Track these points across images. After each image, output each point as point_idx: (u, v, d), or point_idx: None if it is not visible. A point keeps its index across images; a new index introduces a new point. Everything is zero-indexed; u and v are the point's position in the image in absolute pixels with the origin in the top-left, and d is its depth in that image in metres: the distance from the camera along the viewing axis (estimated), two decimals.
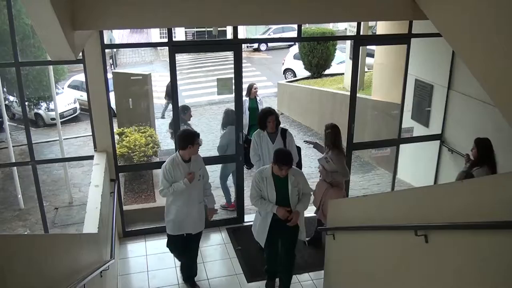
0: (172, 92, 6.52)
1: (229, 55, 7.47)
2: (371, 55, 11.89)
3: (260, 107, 8.72)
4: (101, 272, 4.24)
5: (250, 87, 9.11)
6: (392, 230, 4.33)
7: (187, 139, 5.21)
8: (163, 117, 14.13)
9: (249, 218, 7.01)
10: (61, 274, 3.11)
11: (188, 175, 5.27)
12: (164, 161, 5.40)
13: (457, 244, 3.18)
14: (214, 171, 9.19)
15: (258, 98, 9.27)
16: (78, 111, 15.83)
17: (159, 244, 6.51)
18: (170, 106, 8.08)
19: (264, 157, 6.17)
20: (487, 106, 6.33)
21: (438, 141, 7.74)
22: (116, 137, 8.64)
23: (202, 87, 17.55)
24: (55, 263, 3.04)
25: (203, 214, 5.62)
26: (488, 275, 2.87)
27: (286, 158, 4.96)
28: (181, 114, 7.10)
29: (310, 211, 6.27)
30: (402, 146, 7.69)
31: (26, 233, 8.72)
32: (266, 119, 6.08)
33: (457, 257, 3.20)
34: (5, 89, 13.06)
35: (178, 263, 6.11)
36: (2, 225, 9.30)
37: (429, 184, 7.52)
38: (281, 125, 6.43)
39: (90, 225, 4.81)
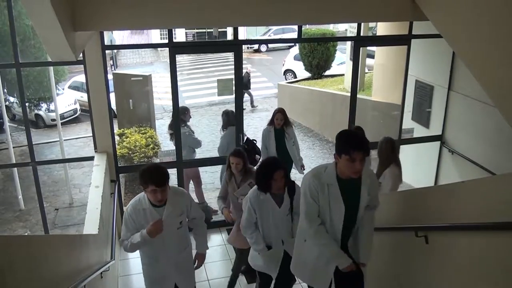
0: (172, 93, 6.51)
1: (230, 56, 7.49)
2: (372, 56, 11.90)
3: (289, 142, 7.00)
4: (101, 273, 4.24)
5: (274, 114, 6.98)
6: (392, 231, 4.34)
7: (142, 176, 3.61)
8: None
9: None
10: (61, 275, 3.11)
11: (151, 225, 3.68)
12: (165, 163, 5.32)
13: (457, 245, 3.18)
14: (214, 172, 9.19)
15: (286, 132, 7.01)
16: (79, 112, 15.84)
17: None
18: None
19: (268, 230, 4.32)
20: (487, 107, 6.33)
21: (439, 142, 7.74)
22: (117, 138, 8.65)
23: (203, 88, 17.56)
24: (55, 264, 3.04)
25: (191, 263, 4.27)
26: (488, 275, 2.87)
27: (361, 140, 3.33)
28: (180, 115, 7.09)
29: None
30: (402, 147, 7.68)
31: (26, 234, 8.72)
32: (271, 175, 4.05)
33: (457, 258, 3.20)
34: (5, 90, 13.08)
35: None
36: (3, 226, 9.31)
37: (430, 185, 7.52)
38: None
39: (91, 226, 4.81)
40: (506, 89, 3.42)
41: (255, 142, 7.06)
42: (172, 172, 8.89)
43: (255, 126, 13.59)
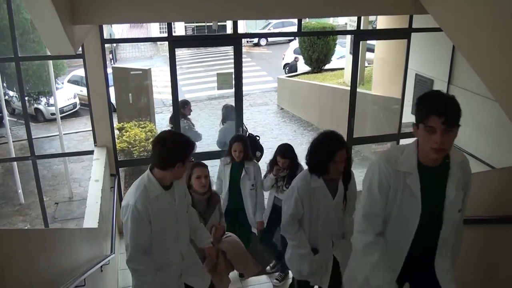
0: (172, 87, 6.50)
1: (229, 50, 7.47)
2: (372, 50, 11.87)
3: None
4: (101, 266, 4.25)
5: (231, 143, 5.09)
6: None
7: (182, 150, 2.99)
8: None
9: None
10: (61, 268, 3.11)
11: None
12: None
13: None
14: (214, 166, 9.18)
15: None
16: (78, 106, 15.83)
17: None
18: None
19: (316, 229, 3.56)
20: (487, 101, 6.32)
21: None
22: (116, 132, 8.64)
23: (202, 82, 17.54)
24: (55, 257, 3.04)
25: (197, 259, 3.56)
26: (486, 267, 2.88)
27: (446, 100, 2.33)
28: (180, 108, 7.09)
29: None
30: (402, 141, 7.67)
31: (26, 228, 8.73)
32: (331, 155, 3.31)
33: None
34: (5, 84, 13.07)
35: None
36: (3, 220, 9.32)
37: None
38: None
39: (91, 220, 4.82)
40: (506, 83, 3.42)
41: (258, 138, 7.05)
42: None
43: (254, 120, 13.58)
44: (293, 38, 20.91)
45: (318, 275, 3.62)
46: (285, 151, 4.78)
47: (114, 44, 22.29)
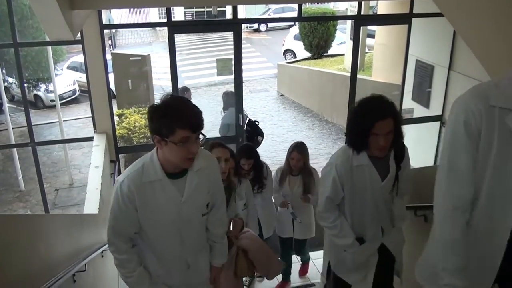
0: (171, 73, 6.48)
1: (229, 35, 7.42)
2: (372, 35, 11.81)
3: None
4: (102, 252, 4.27)
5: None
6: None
7: (165, 115, 2.21)
8: None
9: None
10: (62, 254, 3.13)
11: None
12: None
13: None
14: None
15: None
16: (78, 93, 15.78)
17: None
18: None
19: (361, 215, 2.97)
20: None
21: (439, 122, 7.73)
22: (116, 118, 8.62)
23: (202, 68, 17.46)
24: (56, 243, 3.06)
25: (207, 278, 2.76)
26: None
27: None
28: (180, 95, 7.07)
29: None
30: (402, 127, 7.67)
31: (27, 214, 8.77)
32: (371, 124, 2.69)
33: None
34: (4, 71, 13.01)
35: None
36: (3, 206, 9.35)
37: (429, 165, 7.54)
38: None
39: (91, 206, 4.84)
40: (507, 69, 3.40)
41: (257, 123, 7.04)
42: None
43: (254, 107, 13.55)
44: (293, 23, 20.77)
45: (363, 270, 3.03)
46: (250, 151, 4.29)
47: (113, 30, 22.16)
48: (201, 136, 2.34)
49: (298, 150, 4.36)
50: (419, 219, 3.59)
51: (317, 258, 5.86)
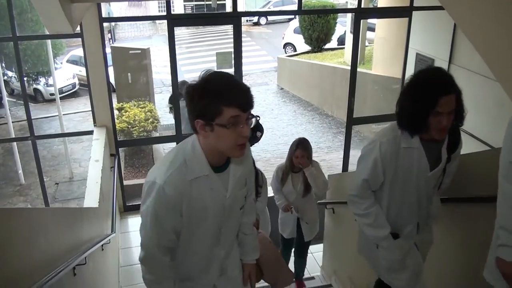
0: (171, 66, 6.47)
1: (229, 29, 7.40)
2: (372, 29, 11.78)
3: None
4: (102, 245, 4.28)
5: None
6: None
7: (211, 91, 1.87)
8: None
9: None
10: (62, 247, 3.14)
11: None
12: (164, 137, 5.02)
13: (453, 216, 3.21)
14: None
15: None
16: (77, 86, 15.75)
17: None
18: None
19: (399, 207, 2.62)
20: (488, 81, 6.29)
21: None
22: (116, 112, 8.62)
23: (202, 61, 17.43)
24: (56, 236, 3.06)
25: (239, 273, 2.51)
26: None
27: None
28: (179, 89, 7.05)
29: None
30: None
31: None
32: (435, 100, 2.31)
33: (453, 229, 3.23)
34: (3, 64, 12.99)
35: None
36: (3, 200, 9.36)
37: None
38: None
39: (91, 200, 4.84)
40: (508, 63, 3.39)
41: (258, 118, 7.02)
42: (172, 146, 8.92)
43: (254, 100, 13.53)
44: (293, 17, 20.71)
45: (405, 271, 2.68)
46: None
47: (113, 23, 22.12)
48: (252, 120, 2.00)
49: (302, 147, 4.25)
50: None
51: (316, 252, 5.89)
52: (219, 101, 1.84)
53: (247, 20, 24.49)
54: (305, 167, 4.23)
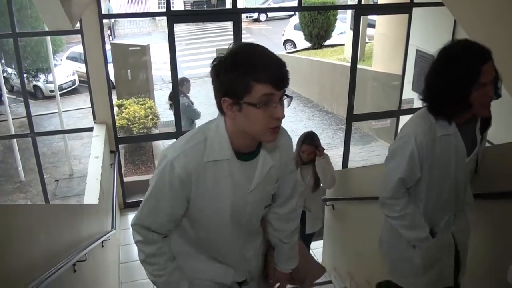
0: (171, 63, 6.46)
1: (228, 25, 7.39)
2: (372, 25, 11.76)
3: None
4: (102, 242, 4.29)
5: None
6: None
7: (242, 64, 1.62)
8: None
9: None
10: (62, 243, 3.14)
11: None
12: (164, 134, 5.08)
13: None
14: None
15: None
16: (77, 83, 15.74)
17: None
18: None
19: (437, 200, 2.37)
20: None
21: None
22: (116, 109, 8.62)
23: (201, 58, 17.41)
24: (56, 233, 3.07)
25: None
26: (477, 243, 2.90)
27: None
28: (180, 86, 7.05)
29: None
30: (402, 118, 7.66)
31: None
32: (477, 73, 2.08)
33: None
34: (3, 61, 12.98)
35: None
36: (3, 197, 9.37)
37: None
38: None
39: (91, 196, 4.84)
40: (508, 59, 3.39)
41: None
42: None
43: None
44: (293, 13, 20.67)
45: (432, 270, 2.44)
46: None
47: (112, 20, 22.08)
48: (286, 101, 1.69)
49: (308, 142, 4.21)
50: None
51: (316, 248, 5.90)
52: (249, 76, 1.59)
53: (247, 17, 24.45)
54: (318, 156, 4.22)
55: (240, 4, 7.95)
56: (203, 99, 13.25)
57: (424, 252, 2.39)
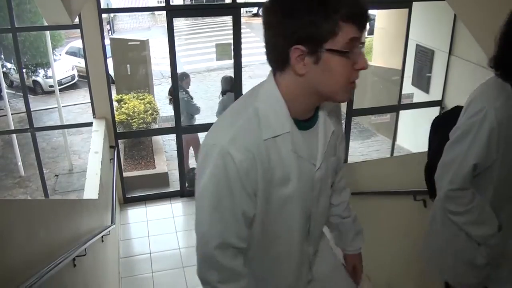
0: (170, 58, 6.44)
1: (228, 20, 7.37)
2: (372, 20, 11.73)
3: None
4: (102, 237, 4.29)
5: None
6: (391, 195, 4.37)
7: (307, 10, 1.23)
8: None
9: None
10: (62, 238, 3.14)
11: None
12: (164, 129, 5.05)
13: None
14: None
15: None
16: (76, 78, 15.71)
17: (160, 210, 6.58)
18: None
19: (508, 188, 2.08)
20: (488, 72, 6.28)
21: (438, 107, 7.72)
22: (115, 104, 8.61)
23: (201, 53, 17.38)
24: (56, 227, 3.07)
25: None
26: None
27: None
28: (179, 81, 7.04)
29: None
30: (402, 112, 7.66)
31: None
32: None
33: None
34: (2, 56, 12.95)
35: (178, 227, 6.19)
36: (3, 192, 9.37)
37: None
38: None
39: (91, 191, 4.84)
40: None
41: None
42: (172, 138, 8.93)
43: None
44: None
45: (490, 266, 2.13)
46: None
47: (112, 15, 22.02)
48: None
49: None
50: (418, 204, 3.60)
51: None
52: (338, 14, 1.22)
53: (246, 11, 24.38)
54: None
55: None
56: (203, 94, 13.25)
57: (489, 250, 2.07)
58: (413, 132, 8.47)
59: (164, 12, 6.31)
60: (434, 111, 7.78)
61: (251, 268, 1.55)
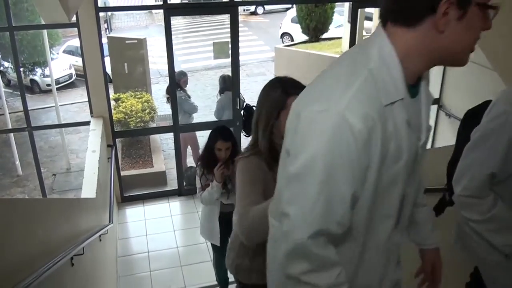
0: (168, 56, 6.44)
1: (225, 19, 7.36)
2: (370, 18, 11.74)
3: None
4: (100, 236, 4.29)
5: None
6: None
7: None
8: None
9: None
10: (60, 237, 3.14)
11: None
12: (161, 127, 4.99)
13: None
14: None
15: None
16: (74, 77, 15.69)
17: (157, 209, 6.58)
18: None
19: None
20: (485, 70, 6.29)
21: (436, 106, 7.73)
22: (112, 102, 8.59)
23: (198, 51, 17.37)
24: (53, 227, 3.06)
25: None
26: None
27: None
28: (177, 80, 7.03)
29: None
30: None
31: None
32: None
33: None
34: None
35: (176, 226, 6.19)
36: (1, 191, 9.37)
37: (426, 148, 7.54)
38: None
39: (88, 190, 4.84)
40: (505, 52, 3.39)
41: (254, 108, 6.99)
42: (169, 137, 8.91)
43: (251, 91, 13.49)
44: (290, 6, 20.61)
45: None
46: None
47: (109, 13, 22.00)
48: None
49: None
50: None
51: None
52: None
53: (244, 10, 24.37)
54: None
55: None
56: (200, 93, 13.23)
57: None
58: None
59: (161, 11, 6.31)
60: (432, 110, 7.76)
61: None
